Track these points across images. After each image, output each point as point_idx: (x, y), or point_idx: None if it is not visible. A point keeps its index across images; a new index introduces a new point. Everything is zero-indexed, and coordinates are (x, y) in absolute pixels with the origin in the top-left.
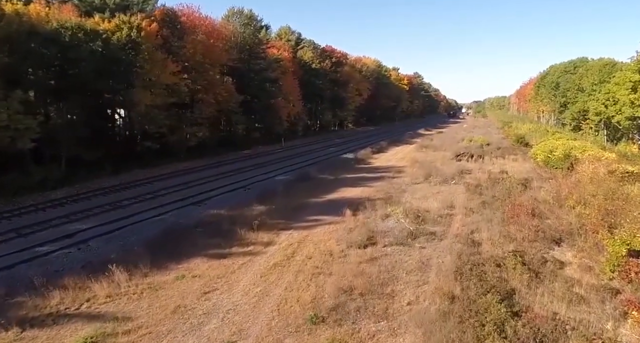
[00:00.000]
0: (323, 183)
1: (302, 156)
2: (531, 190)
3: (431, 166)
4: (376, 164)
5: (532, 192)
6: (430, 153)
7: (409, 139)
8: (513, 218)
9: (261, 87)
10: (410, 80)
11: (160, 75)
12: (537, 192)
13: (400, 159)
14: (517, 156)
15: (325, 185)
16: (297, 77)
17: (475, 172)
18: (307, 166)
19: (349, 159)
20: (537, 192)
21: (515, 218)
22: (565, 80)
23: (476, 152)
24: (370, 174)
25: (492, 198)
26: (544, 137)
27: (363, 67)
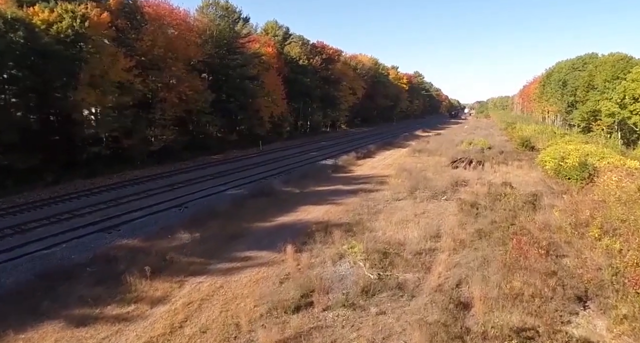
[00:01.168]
0: (283, 200)
1: (277, 162)
2: (541, 209)
3: (420, 176)
4: (357, 173)
5: (543, 213)
6: (424, 158)
7: (402, 142)
8: (519, 258)
9: (238, 85)
10: (410, 79)
11: (108, 71)
12: (548, 212)
13: (386, 166)
14: (522, 162)
15: (284, 202)
16: (283, 75)
17: (473, 183)
18: (275, 175)
19: (327, 165)
20: (549, 212)
21: (522, 258)
22: (574, 78)
23: (476, 157)
24: (345, 187)
25: (490, 224)
26: (552, 139)
27: (358, 64)
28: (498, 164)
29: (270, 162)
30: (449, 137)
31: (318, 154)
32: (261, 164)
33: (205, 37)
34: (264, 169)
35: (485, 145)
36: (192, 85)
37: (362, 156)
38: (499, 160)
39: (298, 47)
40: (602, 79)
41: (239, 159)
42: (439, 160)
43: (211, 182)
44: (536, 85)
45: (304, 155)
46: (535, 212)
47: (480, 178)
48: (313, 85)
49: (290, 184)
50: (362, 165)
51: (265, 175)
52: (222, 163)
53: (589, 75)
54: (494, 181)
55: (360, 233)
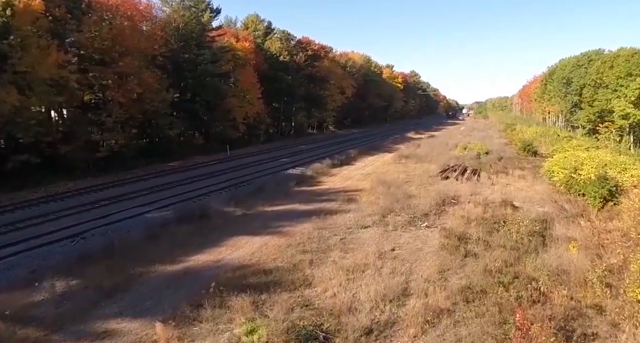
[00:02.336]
0: (214, 226)
1: (238, 170)
2: (553, 243)
3: (400, 191)
4: (325, 185)
5: (555, 249)
6: (410, 166)
7: (391, 145)
8: None
9: (205, 83)
10: (405, 78)
11: (36, 67)
12: (563, 248)
13: (364, 177)
14: (525, 171)
15: (214, 229)
16: (261, 72)
17: (465, 200)
18: (225, 189)
19: (294, 176)
20: (564, 249)
21: None
22: (579, 76)
23: (471, 165)
24: (303, 206)
25: (483, 274)
26: (557, 143)
27: (348, 62)
28: (496, 174)
29: (231, 170)
30: (442, 139)
31: (290, 161)
32: (218, 173)
33: (169, 29)
34: (218, 179)
35: (482, 150)
36: (146, 83)
37: (340, 163)
38: (497, 168)
39: (279, 42)
40: (614, 75)
41: (199, 166)
42: (427, 168)
43: (142, 199)
44: (537, 85)
45: (274, 162)
46: (546, 247)
47: (475, 193)
48: (296, 84)
49: (236, 202)
50: (336, 175)
51: (215, 188)
52: (176, 171)
53: (596, 72)
54: (492, 198)
55: (287, 290)
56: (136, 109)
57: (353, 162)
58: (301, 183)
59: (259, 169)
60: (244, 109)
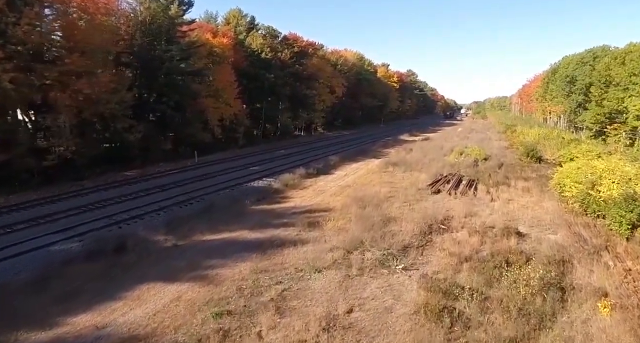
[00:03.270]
0: (130, 264)
1: (197, 182)
2: (575, 298)
3: (378, 212)
4: (290, 203)
5: (580, 312)
6: (397, 176)
7: (380, 149)
8: None
9: (173, 82)
10: (401, 77)
11: None
12: (588, 306)
13: (340, 190)
14: (529, 182)
15: (128, 269)
16: (241, 70)
17: (458, 225)
18: (164, 208)
19: (257, 189)
20: (590, 306)
21: None
22: (584, 74)
23: (467, 174)
24: (252, 233)
25: None
26: (563, 148)
27: (339, 59)
28: (496, 186)
29: (190, 181)
30: (438, 142)
31: (261, 169)
32: (172, 185)
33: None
34: (167, 194)
35: (480, 156)
36: (101, 82)
37: (316, 173)
38: (497, 178)
39: (261, 38)
40: (625, 72)
41: (157, 175)
42: (416, 178)
43: (63, 221)
44: (538, 84)
45: (242, 171)
46: (566, 307)
47: (471, 213)
48: (280, 83)
49: (172, 227)
50: (308, 187)
51: (156, 207)
52: (130, 182)
53: (605, 69)
54: (491, 220)
55: None
56: (90, 111)
57: (333, 170)
58: (262, 199)
59: (222, 179)
60: (219, 109)
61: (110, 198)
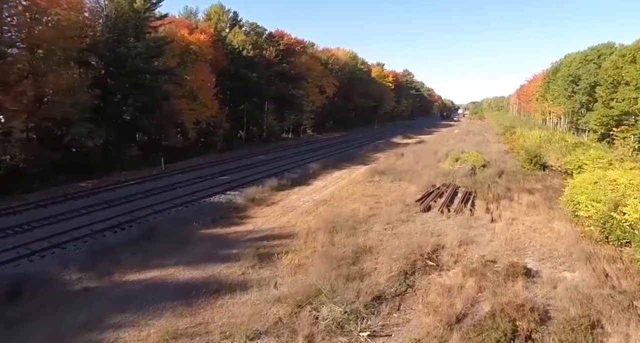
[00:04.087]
0: (14, 320)
1: (152, 196)
2: None
3: (352, 240)
4: (249, 225)
5: None
6: (383, 188)
7: (370, 154)
8: None
9: (140, 82)
10: (397, 77)
11: None
12: None
13: (313, 207)
14: (535, 195)
15: (5, 329)
16: (220, 69)
17: (450, 259)
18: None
19: (220, 205)
20: None
21: None
22: (588, 72)
23: (463, 184)
24: (186, 271)
25: None
26: (570, 154)
27: (330, 58)
28: (497, 200)
29: (144, 195)
30: (432, 146)
31: (231, 179)
32: (121, 201)
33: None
34: (110, 213)
35: (478, 162)
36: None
37: (290, 184)
38: (498, 191)
39: (243, 34)
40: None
41: (114, 186)
42: (404, 190)
43: None
44: (538, 84)
45: (209, 182)
46: None
47: (466, 241)
48: (264, 82)
49: (93, 261)
50: (277, 203)
51: (87, 231)
52: (81, 196)
53: (613, 66)
54: (492, 250)
55: None
56: (40, 115)
57: (312, 180)
58: (218, 220)
59: (181, 193)
60: (194, 111)
61: (43, 218)
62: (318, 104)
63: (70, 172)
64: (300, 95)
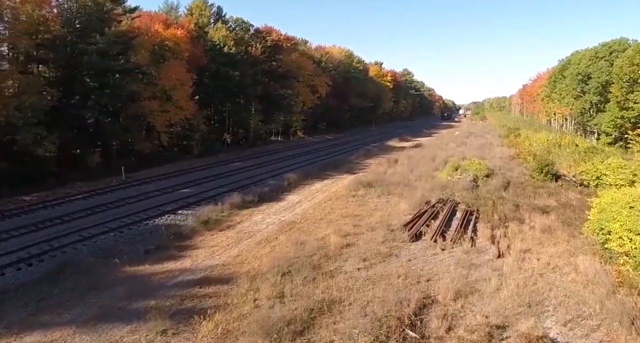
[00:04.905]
0: None
1: (92, 216)
2: None
3: (308, 290)
4: (188, 259)
5: None
6: (367, 204)
7: (359, 161)
8: None
9: (99, 81)
10: (396, 76)
11: None
12: None
13: (276, 232)
14: (550, 216)
15: None
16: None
17: (442, 325)
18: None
19: (162, 230)
20: None
21: None
22: (600, 70)
23: (463, 200)
24: (76, 339)
25: None
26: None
27: (324, 56)
28: (504, 223)
29: (86, 213)
30: (430, 150)
31: (193, 192)
32: (56, 221)
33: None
34: (31, 238)
35: (481, 171)
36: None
37: (257, 200)
38: (505, 209)
39: (225, 30)
40: None
41: (58, 202)
42: (392, 209)
43: None
44: (542, 83)
45: (166, 196)
46: None
47: (465, 290)
48: (249, 81)
49: None
50: (235, 225)
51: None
52: (10, 215)
53: (629, 63)
54: (499, 307)
55: None
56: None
57: (286, 194)
58: (153, 251)
59: (127, 211)
60: (167, 114)
61: None
62: (309, 105)
63: (17, 183)
64: (289, 95)
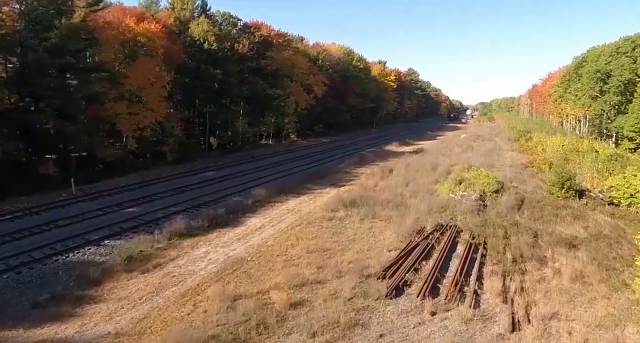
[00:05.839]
0: None
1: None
2: None
3: None
4: (76, 323)
5: None
6: (345, 232)
7: (349, 169)
8: None
9: (51, 82)
10: (400, 76)
11: None
12: None
13: (211, 279)
14: (579, 253)
15: None
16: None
17: None
18: None
19: (73, 269)
20: None
21: None
22: (622, 67)
23: (467, 226)
24: None
25: None
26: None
27: (321, 54)
28: (519, 266)
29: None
30: (432, 157)
31: (138, 212)
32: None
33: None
34: None
35: (489, 185)
36: None
37: (207, 226)
38: (520, 242)
39: (206, 24)
40: None
41: None
42: (374, 241)
43: None
44: (554, 83)
45: (101, 219)
46: None
47: None
48: (233, 80)
49: None
50: (163, 265)
51: None
52: None
53: None
54: None
55: None
56: None
57: (249, 215)
58: (48, 302)
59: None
60: (136, 116)
61: None
62: (304, 105)
63: None
64: (279, 95)
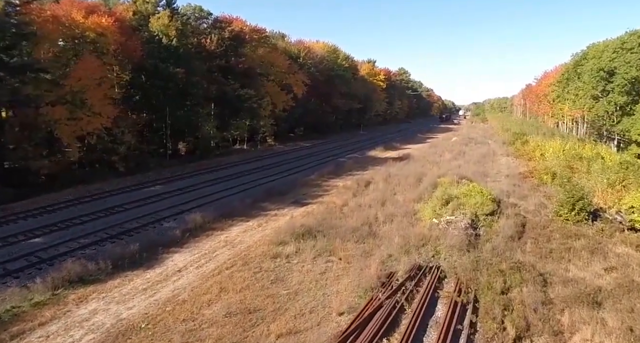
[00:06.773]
0: None
1: None
2: None
3: None
4: None
5: None
6: (289, 279)
7: (320, 182)
8: None
9: None
10: (389, 75)
11: None
12: None
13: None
14: (605, 314)
15: None
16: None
17: None
18: None
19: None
20: None
21: None
22: (628, 64)
23: (453, 269)
24: None
25: None
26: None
27: (302, 51)
28: None
29: None
30: (418, 165)
31: (41, 245)
32: None
33: None
34: None
35: (483, 206)
36: None
37: (111, 268)
38: (524, 296)
39: (166, 18)
40: None
41: None
42: (321, 298)
43: None
44: (550, 82)
45: (6, 249)
46: None
47: None
48: (197, 80)
49: None
50: (21, 338)
51: None
52: None
53: None
54: None
55: None
56: None
57: (175, 249)
58: None
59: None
60: (79, 122)
61: None
62: (282, 107)
63: None
64: (251, 96)
